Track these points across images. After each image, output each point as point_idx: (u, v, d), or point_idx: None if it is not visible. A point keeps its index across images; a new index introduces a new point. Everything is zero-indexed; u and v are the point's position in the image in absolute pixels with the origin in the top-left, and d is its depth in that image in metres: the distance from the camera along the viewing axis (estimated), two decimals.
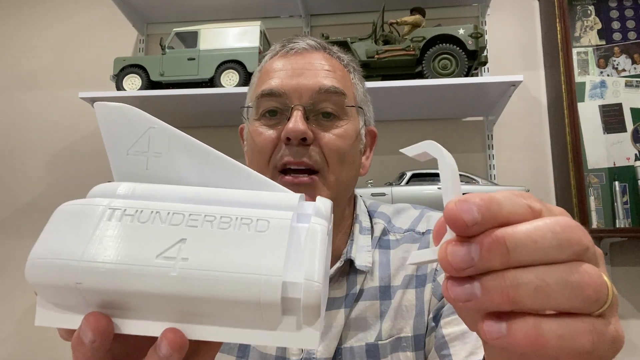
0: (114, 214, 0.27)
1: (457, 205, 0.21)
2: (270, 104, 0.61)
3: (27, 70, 1.75)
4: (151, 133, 0.30)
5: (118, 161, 0.31)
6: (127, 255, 0.25)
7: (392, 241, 0.66)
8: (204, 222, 0.27)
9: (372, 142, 0.71)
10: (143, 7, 1.60)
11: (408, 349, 0.60)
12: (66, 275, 0.25)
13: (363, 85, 0.70)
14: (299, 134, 0.57)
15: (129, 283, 0.25)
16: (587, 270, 0.21)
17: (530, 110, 1.52)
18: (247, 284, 0.25)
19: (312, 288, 0.25)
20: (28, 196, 1.66)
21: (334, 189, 0.60)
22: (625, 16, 1.45)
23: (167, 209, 0.27)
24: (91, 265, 0.25)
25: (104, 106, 0.31)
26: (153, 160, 0.30)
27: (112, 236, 0.26)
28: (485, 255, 0.21)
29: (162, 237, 0.26)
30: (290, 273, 0.25)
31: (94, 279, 0.25)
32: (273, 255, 0.25)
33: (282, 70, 0.62)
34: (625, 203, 1.34)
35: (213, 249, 0.26)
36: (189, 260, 0.25)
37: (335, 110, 0.61)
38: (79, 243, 0.25)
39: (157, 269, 0.25)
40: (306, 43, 0.65)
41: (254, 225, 0.27)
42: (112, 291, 0.25)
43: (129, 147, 0.30)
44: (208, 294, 0.24)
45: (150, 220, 0.26)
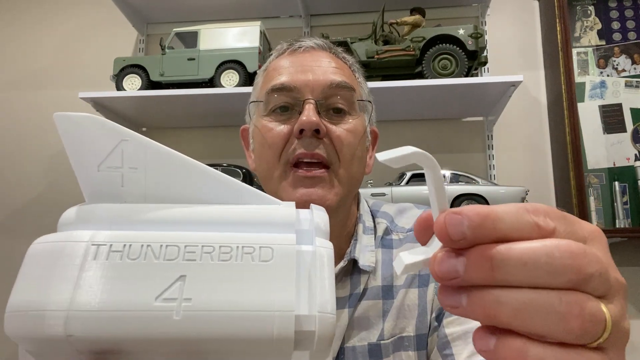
0: (98, 251, 0.24)
1: (447, 218, 0.21)
2: (281, 99, 0.62)
3: (28, 70, 1.75)
4: (124, 146, 0.27)
5: (88, 179, 0.28)
6: (122, 300, 0.23)
7: (394, 240, 0.66)
8: (203, 254, 0.25)
9: (375, 141, 0.72)
10: (143, 7, 1.60)
11: (410, 348, 0.60)
12: (54, 328, 0.22)
13: (366, 86, 0.71)
14: (313, 125, 0.57)
15: (128, 330, 0.22)
16: (578, 300, 0.20)
17: (530, 110, 1.52)
18: (258, 321, 0.23)
19: (327, 320, 0.24)
20: (28, 196, 1.66)
21: (346, 184, 0.60)
22: (625, 16, 1.45)
23: (158, 240, 0.25)
24: (83, 315, 0.22)
25: (65, 118, 0.27)
26: (129, 175, 0.27)
27: (102, 278, 0.23)
28: (470, 270, 0.21)
29: (158, 275, 0.24)
30: (302, 305, 0.24)
31: (87, 329, 0.22)
32: (283, 288, 0.24)
33: (291, 66, 0.63)
34: (625, 203, 1.34)
35: (217, 285, 0.24)
36: (193, 301, 0.23)
37: (345, 105, 0.62)
38: (65, 289, 0.23)
39: (158, 314, 0.23)
40: (313, 42, 0.66)
41: (257, 255, 0.25)
42: (109, 340, 0.23)
43: (100, 162, 0.27)
44: (215, 335, 0.23)
45: (142, 257, 0.24)
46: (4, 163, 1.69)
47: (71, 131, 0.27)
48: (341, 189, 0.60)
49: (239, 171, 1.33)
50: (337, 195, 0.59)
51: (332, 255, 0.27)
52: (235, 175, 1.32)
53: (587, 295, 0.20)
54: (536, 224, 0.21)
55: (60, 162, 1.66)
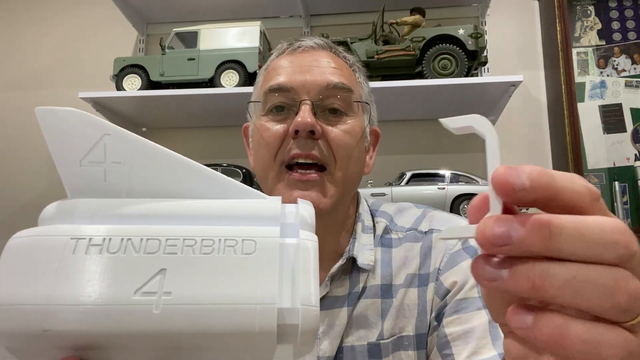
0: (77, 245, 0.24)
1: (506, 169, 0.21)
2: (278, 99, 0.62)
3: (28, 70, 1.75)
4: (107, 140, 0.27)
5: (70, 174, 0.27)
6: (101, 294, 0.22)
7: (394, 240, 0.66)
8: (184, 247, 0.24)
9: (376, 141, 0.72)
10: (143, 7, 1.60)
11: (410, 348, 0.60)
12: (30, 322, 0.22)
13: (367, 86, 0.71)
14: (308, 126, 0.57)
15: (106, 325, 0.22)
16: (626, 276, 0.20)
17: (530, 110, 1.52)
18: (240, 315, 0.23)
19: (311, 313, 0.24)
20: (28, 196, 1.66)
21: (341, 186, 0.60)
22: (625, 16, 1.45)
23: (139, 234, 0.24)
24: (59, 309, 0.22)
25: (47, 112, 0.27)
26: (112, 170, 0.27)
27: (80, 272, 0.23)
28: (527, 236, 0.20)
29: (138, 269, 0.23)
30: (285, 298, 0.24)
31: (64, 324, 0.22)
32: (265, 281, 0.23)
33: (289, 66, 0.63)
34: (625, 203, 1.34)
35: (197, 279, 0.23)
36: (173, 295, 0.23)
37: (342, 106, 0.62)
38: (42, 284, 0.22)
39: (137, 307, 0.22)
40: (313, 42, 0.66)
41: (240, 248, 0.24)
42: (87, 335, 0.22)
43: (82, 157, 0.27)
44: (196, 329, 0.22)
45: (121, 250, 0.24)
46: (4, 163, 1.69)
47: (53, 125, 0.27)
48: (336, 191, 0.60)
49: (238, 171, 1.33)
50: (332, 198, 0.59)
51: (316, 248, 0.26)
52: (235, 175, 1.32)
53: (630, 272, 0.20)
54: (587, 187, 0.21)
55: None
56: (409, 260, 0.63)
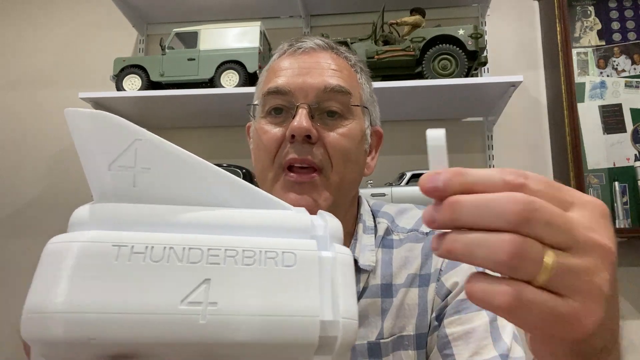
0: (120, 252, 0.23)
1: (426, 176, 0.26)
2: (276, 101, 0.62)
3: (28, 71, 1.75)
4: (137, 145, 0.26)
5: (98, 177, 0.27)
6: (147, 303, 0.22)
7: (395, 240, 0.66)
8: (226, 257, 0.24)
9: (378, 142, 0.72)
10: (143, 7, 1.60)
11: (410, 347, 0.60)
12: (76, 331, 0.21)
13: (370, 86, 0.70)
14: (303, 131, 0.57)
15: (152, 334, 0.22)
16: (512, 239, 0.23)
17: (530, 110, 1.52)
18: (284, 326, 0.23)
19: (351, 326, 0.25)
20: (28, 196, 1.66)
21: (336, 190, 0.60)
22: (625, 17, 1.45)
23: (181, 243, 0.24)
24: (106, 317, 0.22)
25: (77, 114, 0.26)
26: (141, 176, 0.26)
27: (124, 280, 0.23)
28: (441, 214, 0.25)
29: (182, 278, 0.23)
30: (326, 310, 0.24)
31: (110, 333, 0.21)
32: (307, 293, 0.24)
33: (289, 68, 0.63)
34: (625, 203, 1.34)
35: (242, 290, 0.23)
36: (218, 305, 0.23)
37: (340, 109, 0.62)
38: (86, 291, 0.22)
39: (184, 317, 0.22)
40: (314, 43, 0.66)
41: (281, 260, 0.25)
42: (131, 344, 0.22)
43: (111, 161, 0.26)
44: (241, 340, 0.23)
45: (165, 259, 0.23)
46: (4, 163, 1.69)
47: (82, 128, 0.26)
48: (331, 194, 0.59)
49: (238, 171, 1.33)
50: (327, 201, 0.59)
51: (352, 262, 0.27)
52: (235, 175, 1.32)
53: (527, 238, 0.23)
54: (503, 179, 0.25)
55: (60, 162, 1.66)
56: (410, 260, 0.63)
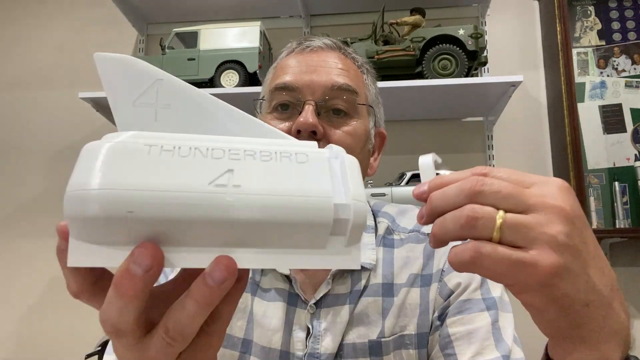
0: (151, 149, 0.25)
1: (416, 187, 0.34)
2: (283, 97, 0.63)
3: (27, 70, 1.75)
4: (158, 85, 0.29)
5: (123, 112, 0.29)
6: (179, 183, 0.24)
7: (396, 240, 0.66)
8: (246, 155, 0.27)
9: (381, 143, 0.72)
10: (143, 7, 1.60)
11: (411, 346, 0.60)
12: (116, 204, 0.23)
13: (375, 87, 0.71)
14: (310, 127, 0.58)
15: (184, 210, 0.24)
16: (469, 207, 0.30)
17: (530, 110, 1.52)
18: (302, 205, 0.26)
19: (361, 208, 0.27)
20: (28, 196, 1.66)
21: None
22: (625, 16, 1.45)
23: (204, 144, 0.26)
24: (144, 194, 0.24)
25: (105, 58, 0.29)
26: (162, 111, 0.29)
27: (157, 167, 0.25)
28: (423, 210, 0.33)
29: (208, 168, 0.25)
30: (338, 195, 0.27)
31: (147, 207, 0.24)
32: (320, 180, 0.27)
33: (296, 66, 0.64)
34: (625, 203, 1.34)
35: (261, 176, 0.26)
36: (242, 187, 0.25)
37: (346, 107, 0.63)
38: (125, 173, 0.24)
39: (212, 195, 0.25)
40: (322, 42, 0.67)
41: (294, 158, 0.27)
42: (165, 220, 0.24)
43: (135, 98, 0.29)
44: (263, 217, 0.25)
45: (191, 155, 0.26)
46: (4, 163, 1.69)
47: (110, 70, 0.29)
48: None
49: None
50: None
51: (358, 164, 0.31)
52: None
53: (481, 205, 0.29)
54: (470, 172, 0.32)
55: (60, 162, 1.66)
56: (412, 260, 0.63)
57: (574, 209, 0.29)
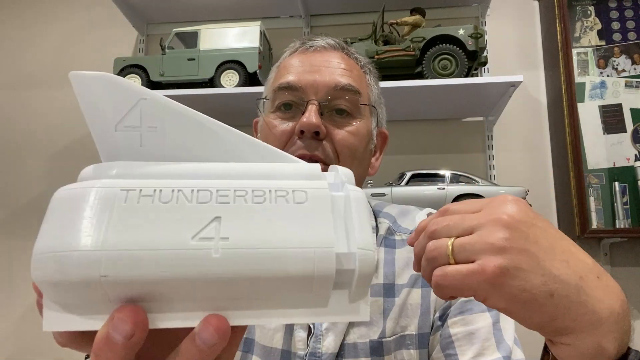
0: (128, 195, 0.23)
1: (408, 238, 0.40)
2: (286, 97, 0.63)
3: (27, 70, 1.75)
4: (142, 105, 0.26)
5: (105, 139, 0.26)
6: (158, 240, 0.22)
7: (397, 241, 0.66)
8: (236, 197, 0.24)
9: (383, 143, 0.72)
10: (143, 7, 1.60)
11: (412, 346, 0.60)
12: (87, 268, 0.21)
13: (378, 87, 0.71)
14: (313, 127, 0.58)
15: (165, 270, 0.21)
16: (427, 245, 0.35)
17: (530, 110, 1.52)
18: (299, 258, 0.23)
19: (368, 257, 0.24)
20: (28, 196, 1.66)
21: None
22: (625, 16, 1.45)
23: (189, 186, 0.24)
24: (118, 254, 0.21)
25: (82, 77, 0.27)
26: (148, 135, 0.26)
27: (135, 220, 0.22)
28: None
29: (192, 217, 0.23)
30: (341, 243, 0.24)
31: (123, 269, 0.21)
32: (320, 226, 0.24)
33: (300, 66, 0.64)
34: (625, 203, 1.34)
35: (253, 225, 0.23)
36: (230, 239, 0.22)
37: (349, 107, 0.63)
38: (97, 230, 0.21)
39: (196, 252, 0.22)
40: (325, 42, 0.67)
41: (291, 197, 0.24)
42: (143, 281, 0.21)
43: (117, 122, 0.26)
44: (255, 273, 0.22)
45: (174, 200, 0.23)
46: (3, 163, 1.69)
47: (87, 90, 0.27)
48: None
49: None
50: None
51: (364, 197, 0.27)
52: None
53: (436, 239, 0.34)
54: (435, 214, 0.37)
55: (60, 161, 1.66)
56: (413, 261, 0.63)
57: (513, 216, 0.32)
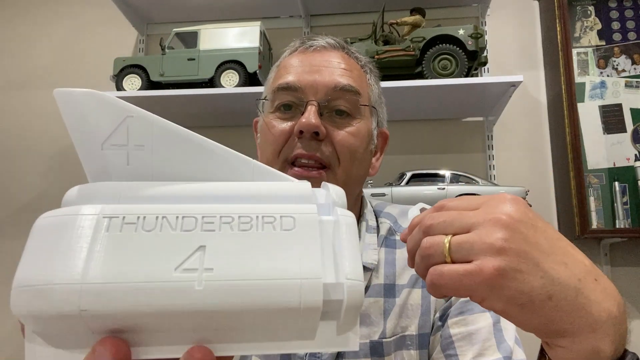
0: (111, 223, 0.22)
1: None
2: (286, 97, 0.62)
3: (27, 70, 1.75)
4: (129, 123, 0.26)
5: (91, 158, 0.26)
6: (139, 272, 0.21)
7: (398, 241, 0.66)
8: (222, 224, 0.23)
9: (383, 144, 0.72)
10: (143, 7, 1.60)
11: (412, 347, 0.60)
12: (66, 303, 0.20)
13: (378, 87, 0.71)
14: (312, 128, 0.58)
15: (146, 303, 0.21)
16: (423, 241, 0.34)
17: (530, 110, 1.52)
18: (284, 290, 0.22)
19: (356, 288, 0.24)
20: (28, 196, 1.66)
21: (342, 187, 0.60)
22: (625, 16, 1.45)
23: (174, 212, 0.23)
24: (97, 288, 0.21)
25: (67, 94, 0.25)
26: (135, 154, 0.26)
27: (116, 250, 0.22)
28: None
29: (176, 246, 0.22)
30: (328, 273, 0.23)
31: (102, 303, 0.20)
32: (308, 256, 0.23)
33: (299, 66, 0.64)
34: (625, 203, 1.34)
35: (238, 255, 0.23)
36: (215, 271, 0.22)
37: (349, 108, 0.62)
38: (76, 262, 0.21)
39: (178, 284, 0.21)
40: (325, 41, 0.67)
41: (279, 224, 0.24)
42: (125, 315, 0.21)
43: (104, 140, 0.25)
44: (240, 306, 0.22)
45: (157, 228, 0.23)
46: (3, 163, 1.69)
47: (72, 108, 0.26)
48: None
49: None
50: None
51: (354, 223, 0.27)
52: None
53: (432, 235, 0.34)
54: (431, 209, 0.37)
55: (60, 162, 1.66)
56: None
57: (513, 217, 0.31)
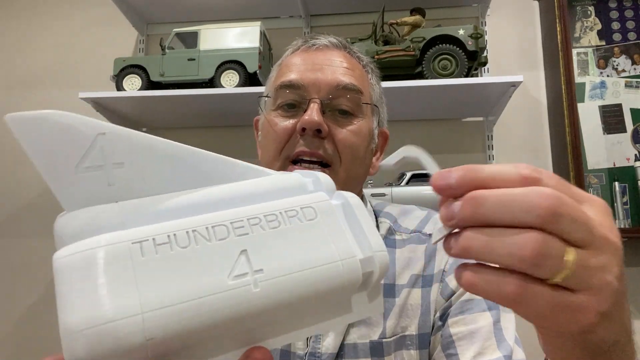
0: (142, 248, 0.21)
1: (438, 174, 0.26)
2: (288, 96, 0.63)
3: (27, 70, 1.75)
4: (102, 141, 0.23)
5: (64, 184, 0.23)
6: (193, 288, 0.21)
7: (398, 241, 0.66)
8: (251, 226, 0.24)
9: (384, 143, 0.73)
10: (143, 7, 1.60)
11: (412, 347, 0.60)
12: (132, 336, 0.19)
13: (380, 87, 0.72)
14: (315, 125, 0.58)
15: (210, 316, 0.21)
16: (538, 237, 0.22)
17: (530, 110, 1.52)
18: (330, 273, 0.24)
19: (383, 258, 0.26)
20: (28, 196, 1.66)
21: (342, 186, 0.60)
22: (625, 17, 1.45)
23: (201, 223, 0.23)
24: (158, 314, 0.20)
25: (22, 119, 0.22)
26: (115, 173, 0.24)
27: (161, 273, 0.21)
28: (461, 209, 0.24)
29: (218, 256, 0.22)
30: (359, 249, 0.26)
31: (167, 328, 0.20)
32: (338, 239, 0.25)
33: (302, 64, 0.64)
34: (625, 203, 1.34)
35: (279, 251, 0.24)
36: (265, 271, 0.23)
37: (351, 107, 0.63)
38: (128, 293, 0.20)
39: (236, 291, 0.22)
40: (328, 40, 0.67)
41: (302, 215, 0.25)
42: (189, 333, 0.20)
43: (76, 163, 0.23)
44: (296, 298, 0.23)
45: (193, 242, 0.22)
46: (4, 163, 1.69)
47: (31, 133, 0.23)
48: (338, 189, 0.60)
49: None
50: None
51: (361, 202, 0.29)
52: None
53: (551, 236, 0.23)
54: (519, 174, 0.24)
55: None
56: (413, 261, 0.63)
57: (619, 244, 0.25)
